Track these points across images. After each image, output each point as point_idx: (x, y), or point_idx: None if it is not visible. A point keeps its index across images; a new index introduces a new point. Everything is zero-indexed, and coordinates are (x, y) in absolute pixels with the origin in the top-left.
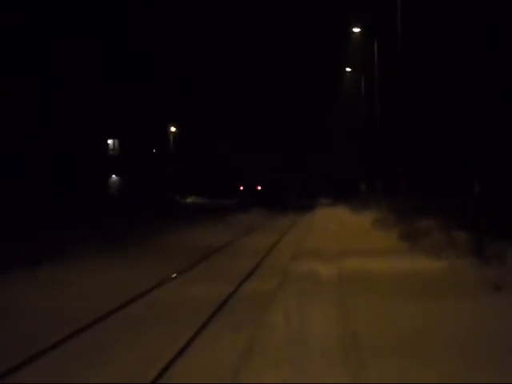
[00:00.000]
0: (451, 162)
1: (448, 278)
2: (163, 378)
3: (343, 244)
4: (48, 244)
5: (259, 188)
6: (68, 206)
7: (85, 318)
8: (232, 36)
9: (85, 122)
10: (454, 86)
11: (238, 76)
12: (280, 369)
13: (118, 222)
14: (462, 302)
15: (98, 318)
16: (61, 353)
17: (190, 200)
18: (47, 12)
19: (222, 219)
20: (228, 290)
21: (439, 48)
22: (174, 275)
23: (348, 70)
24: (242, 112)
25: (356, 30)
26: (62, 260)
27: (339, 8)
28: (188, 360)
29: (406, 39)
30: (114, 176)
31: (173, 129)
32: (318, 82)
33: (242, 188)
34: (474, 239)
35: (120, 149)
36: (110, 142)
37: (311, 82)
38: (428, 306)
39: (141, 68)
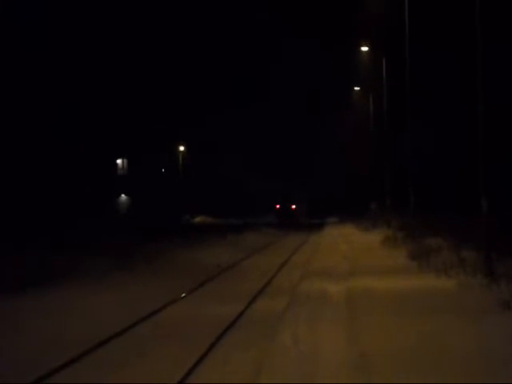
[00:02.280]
0: (459, 179)
1: (457, 297)
2: None
3: (352, 263)
4: (56, 262)
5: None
6: (76, 224)
7: (100, 334)
8: (239, 60)
9: (94, 142)
10: (460, 102)
11: (242, 102)
12: None
13: (126, 241)
14: (471, 321)
15: (114, 335)
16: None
17: (198, 219)
18: (63, 34)
19: (231, 238)
20: (237, 310)
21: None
22: (183, 295)
23: (356, 88)
24: (248, 133)
25: (364, 48)
26: (71, 279)
27: (348, 27)
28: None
29: (414, 59)
30: (122, 195)
31: (182, 148)
32: (325, 101)
33: (278, 206)
34: (483, 257)
35: (129, 168)
36: (118, 161)
37: (317, 103)
38: (438, 326)
39: (150, 88)
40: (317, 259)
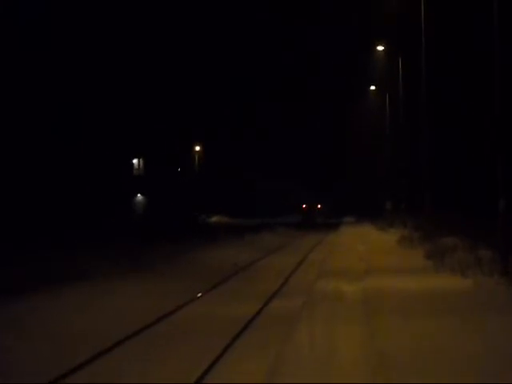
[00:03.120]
0: (476, 177)
1: (473, 297)
2: None
3: (368, 263)
4: (72, 262)
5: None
6: (93, 225)
7: (122, 331)
8: (255, 62)
9: (110, 142)
10: (477, 103)
11: (263, 100)
12: None
13: (143, 241)
14: (487, 321)
15: (131, 334)
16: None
17: (214, 219)
18: (63, 34)
19: (247, 238)
20: (254, 309)
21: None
22: (200, 294)
23: (372, 88)
24: (266, 133)
25: (380, 48)
26: (90, 278)
27: (364, 26)
28: (215, 379)
29: (430, 57)
30: (138, 195)
31: (197, 148)
32: (342, 99)
33: (304, 206)
34: (499, 257)
35: (145, 168)
36: (134, 161)
37: (334, 100)
38: (455, 325)
39: (166, 87)
40: (333, 259)
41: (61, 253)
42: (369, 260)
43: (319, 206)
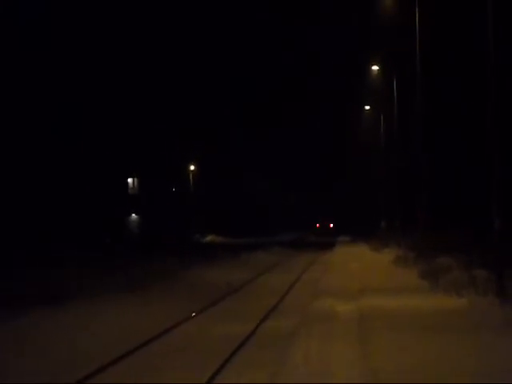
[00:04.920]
0: (470, 196)
1: (467, 317)
2: None
3: (363, 282)
4: (60, 281)
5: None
6: (87, 244)
7: (113, 351)
8: (255, 62)
9: (105, 162)
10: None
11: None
12: None
13: (137, 261)
14: (481, 341)
15: (125, 354)
16: None
17: (209, 238)
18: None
19: (242, 257)
20: (248, 329)
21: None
22: (194, 314)
23: (367, 108)
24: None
25: (375, 67)
26: (83, 298)
27: (357, 46)
28: None
29: (425, 76)
30: (133, 215)
31: (192, 167)
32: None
33: (318, 225)
34: (494, 277)
35: (139, 187)
36: (129, 180)
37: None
38: (448, 345)
39: (160, 108)
40: (328, 278)
41: (50, 271)
42: (363, 280)
43: (331, 225)
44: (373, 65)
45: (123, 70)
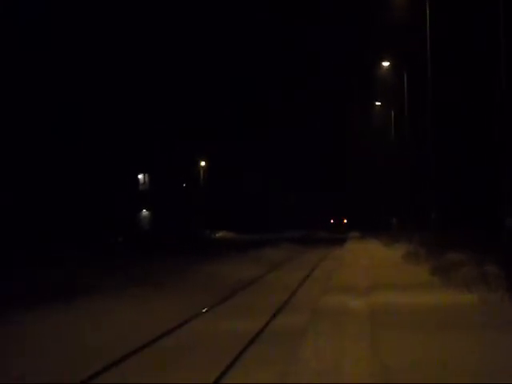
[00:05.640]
0: (481, 194)
1: (478, 312)
2: None
3: (374, 278)
4: (73, 278)
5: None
6: (99, 240)
7: (123, 347)
8: (255, 62)
9: (116, 158)
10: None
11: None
12: None
13: (148, 256)
14: (492, 336)
15: (137, 349)
16: None
17: (220, 235)
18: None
19: (252, 253)
20: (259, 325)
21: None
22: (205, 309)
23: (377, 103)
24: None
25: (385, 63)
26: (95, 293)
27: (368, 42)
28: None
29: (436, 72)
30: (144, 211)
31: (203, 163)
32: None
33: (332, 221)
34: (504, 273)
35: (150, 184)
36: (140, 176)
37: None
38: (459, 340)
39: (172, 103)
40: (338, 274)
41: (61, 269)
42: (374, 276)
43: (345, 220)
44: (383, 61)
45: (127, 70)
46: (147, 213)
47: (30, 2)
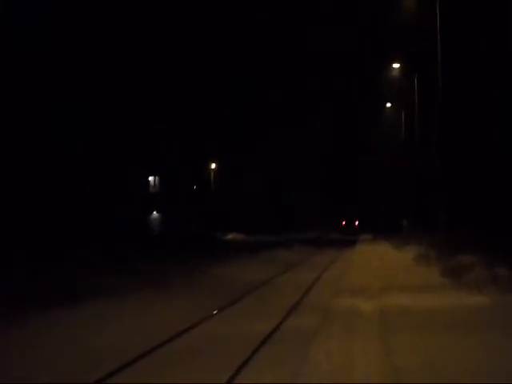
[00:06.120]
0: (490, 197)
1: (489, 314)
2: None
3: (384, 280)
4: (83, 279)
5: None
6: (109, 241)
7: (130, 350)
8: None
9: (126, 160)
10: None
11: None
12: None
13: (159, 258)
14: (503, 339)
15: (144, 353)
16: None
17: (230, 236)
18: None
19: (263, 255)
20: (270, 326)
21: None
22: (215, 311)
23: (388, 105)
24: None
25: (396, 65)
26: (100, 295)
27: (379, 43)
28: None
29: (446, 73)
30: (154, 213)
31: (213, 165)
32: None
33: (343, 223)
34: None
35: (160, 186)
36: (150, 178)
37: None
38: (470, 342)
39: (181, 105)
40: (349, 276)
41: (63, 270)
42: (385, 278)
43: (356, 222)
44: (394, 62)
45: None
46: (157, 215)
47: (29, 2)
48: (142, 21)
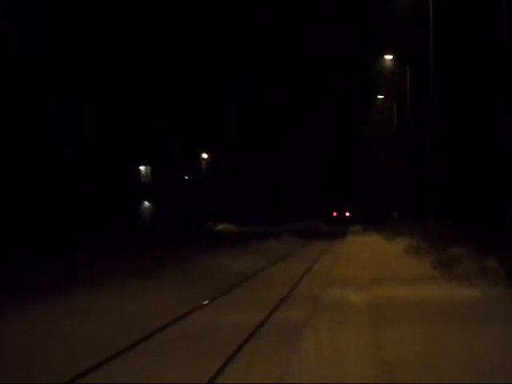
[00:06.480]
0: (481, 189)
1: (479, 306)
2: None
3: (375, 272)
4: (79, 267)
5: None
6: (100, 231)
7: (125, 340)
8: (255, 62)
9: (117, 149)
10: (485, 115)
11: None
12: None
13: (150, 249)
14: (493, 330)
15: (138, 341)
16: None
17: (221, 227)
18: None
19: (254, 246)
20: (259, 318)
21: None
22: (206, 302)
23: (380, 97)
24: (266, 133)
25: (388, 57)
26: (95, 285)
27: (371, 37)
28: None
29: (438, 66)
30: (146, 202)
31: (205, 156)
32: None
33: (334, 214)
34: (506, 267)
35: (152, 175)
36: (142, 168)
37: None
38: (460, 334)
39: (173, 95)
40: (340, 267)
41: (61, 259)
42: (376, 269)
43: (347, 214)
44: (386, 54)
45: (126, 69)
46: (149, 204)
47: (29, 2)
48: (142, 21)
